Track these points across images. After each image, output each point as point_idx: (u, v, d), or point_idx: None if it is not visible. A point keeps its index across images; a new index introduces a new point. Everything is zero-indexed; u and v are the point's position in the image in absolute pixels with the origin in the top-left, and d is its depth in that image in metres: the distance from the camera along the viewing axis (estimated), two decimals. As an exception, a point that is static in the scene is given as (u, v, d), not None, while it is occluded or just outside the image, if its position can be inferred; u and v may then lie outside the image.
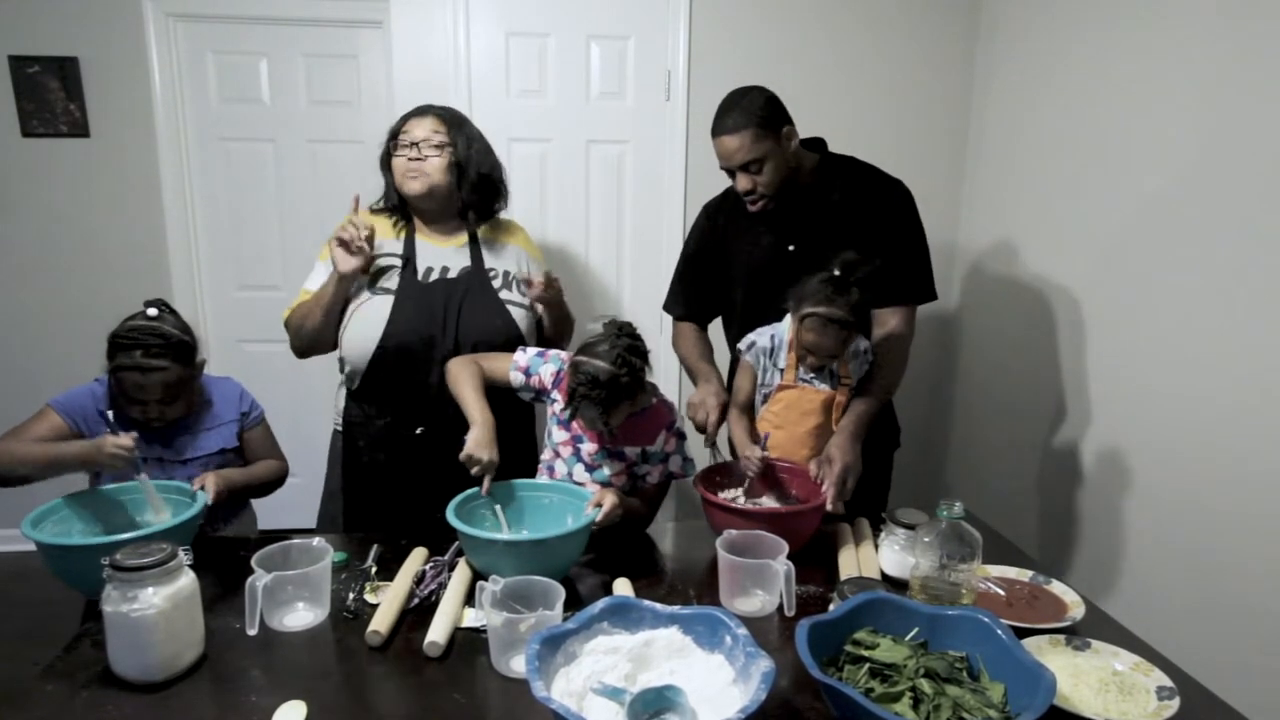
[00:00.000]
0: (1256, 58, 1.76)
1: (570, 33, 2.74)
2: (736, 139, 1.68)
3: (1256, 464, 1.76)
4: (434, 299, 1.74)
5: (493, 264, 1.83)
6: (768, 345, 1.73)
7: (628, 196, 2.89)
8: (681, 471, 1.69)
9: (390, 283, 1.75)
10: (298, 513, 2.00)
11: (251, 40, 2.97)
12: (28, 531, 1.31)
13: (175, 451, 1.62)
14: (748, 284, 1.87)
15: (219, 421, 1.68)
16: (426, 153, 1.75)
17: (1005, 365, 2.71)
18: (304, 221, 3.11)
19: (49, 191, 2.93)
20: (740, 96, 1.71)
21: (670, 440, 1.66)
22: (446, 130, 1.78)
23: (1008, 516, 2.62)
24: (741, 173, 1.72)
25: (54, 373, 2.96)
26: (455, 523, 1.36)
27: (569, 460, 1.64)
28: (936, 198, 2.90)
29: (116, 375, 1.53)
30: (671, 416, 1.66)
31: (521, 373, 1.64)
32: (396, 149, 1.78)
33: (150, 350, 1.51)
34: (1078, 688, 1.09)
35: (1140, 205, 2.08)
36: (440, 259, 1.80)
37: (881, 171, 1.84)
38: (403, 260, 1.78)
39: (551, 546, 1.34)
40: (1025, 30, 2.59)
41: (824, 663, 1.04)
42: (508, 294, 1.81)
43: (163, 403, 1.56)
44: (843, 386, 1.70)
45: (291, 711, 1.04)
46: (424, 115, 1.80)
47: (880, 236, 1.73)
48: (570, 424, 1.62)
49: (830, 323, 1.58)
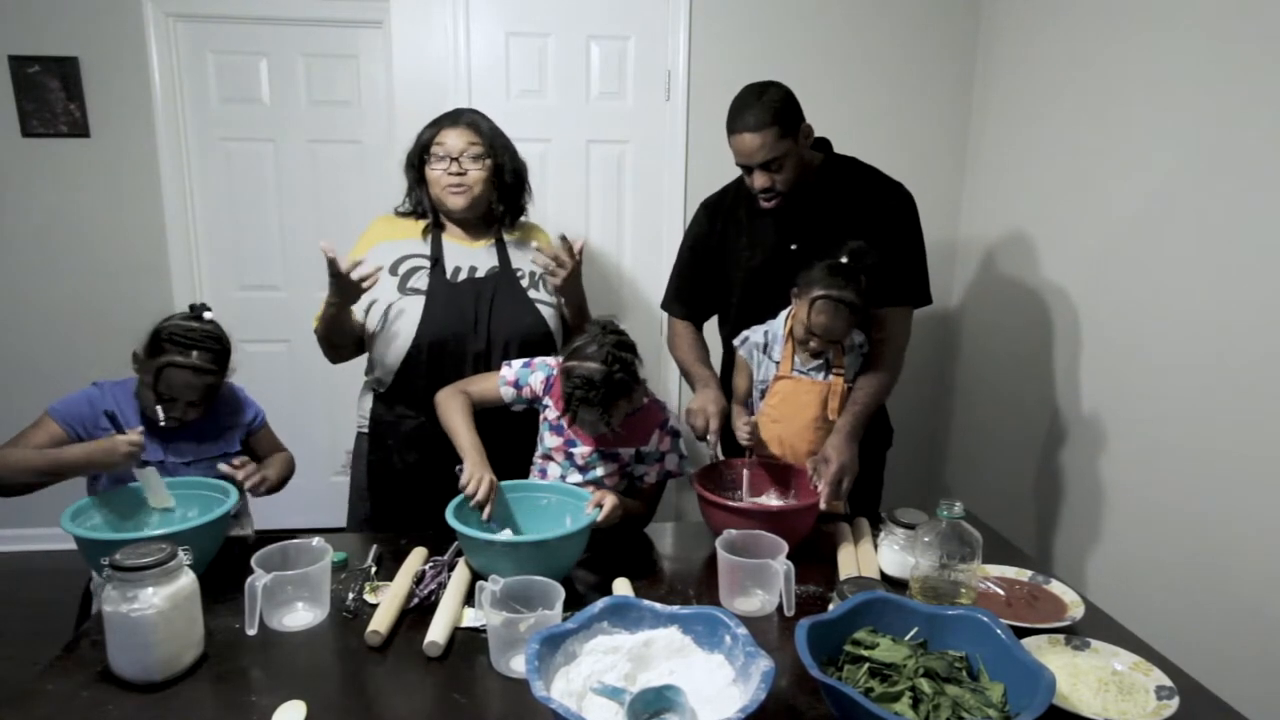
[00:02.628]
0: (1257, 58, 1.76)
1: (570, 33, 2.74)
2: (758, 137, 1.64)
3: (1257, 464, 1.76)
4: (464, 298, 1.75)
5: (519, 264, 1.84)
6: (761, 340, 1.74)
7: (628, 196, 2.89)
8: (679, 470, 1.69)
9: (420, 283, 1.75)
10: (296, 513, 2.00)
11: (251, 40, 2.97)
12: (67, 526, 1.32)
13: (177, 453, 1.62)
14: (747, 282, 1.87)
15: (222, 426, 1.69)
16: (466, 166, 1.75)
17: (1005, 365, 2.71)
18: (304, 221, 3.11)
19: (49, 191, 2.93)
20: (759, 93, 1.66)
21: (665, 439, 1.65)
22: (482, 141, 1.78)
23: (1008, 516, 2.62)
24: (760, 171, 1.69)
25: (54, 372, 2.97)
26: (455, 524, 1.36)
27: (563, 464, 1.64)
28: (937, 197, 2.91)
29: (162, 371, 1.53)
30: (664, 415, 1.66)
31: (511, 387, 1.64)
32: (431, 160, 1.77)
33: (206, 353, 1.55)
34: (1077, 687, 1.10)
35: (1140, 205, 2.08)
36: (468, 259, 1.81)
37: (884, 175, 1.84)
38: (431, 261, 1.78)
39: (552, 548, 1.34)
40: (1025, 30, 2.59)
41: (824, 662, 1.04)
42: (535, 293, 1.82)
43: (194, 405, 1.58)
44: (837, 376, 1.71)
45: (291, 711, 1.05)
46: (456, 125, 1.78)
47: (880, 239, 1.73)
48: (563, 429, 1.62)
49: (841, 305, 1.59)
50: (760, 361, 1.75)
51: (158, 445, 1.60)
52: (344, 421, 3.23)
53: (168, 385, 1.53)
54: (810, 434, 1.71)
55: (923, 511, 1.46)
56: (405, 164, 1.83)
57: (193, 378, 1.54)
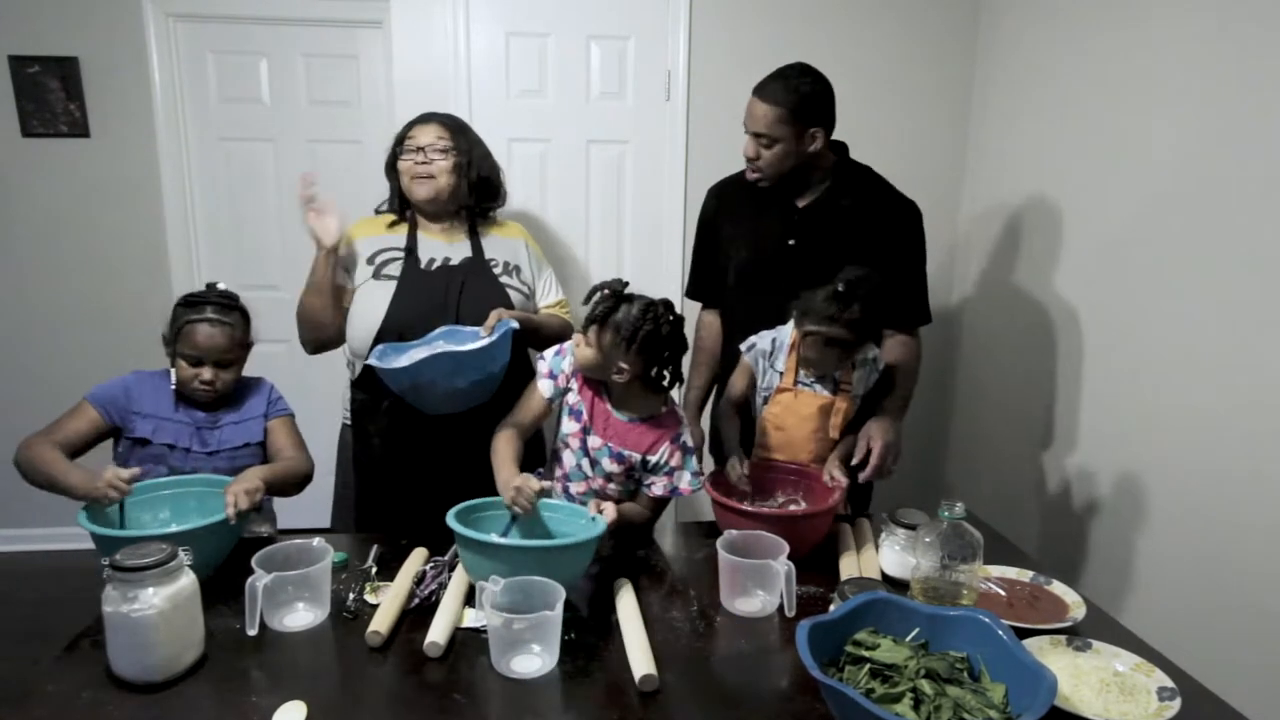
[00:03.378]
0: (1256, 59, 1.75)
1: (570, 33, 2.73)
2: (764, 108, 1.68)
3: (1257, 463, 1.76)
4: (435, 283, 1.80)
5: (493, 254, 1.90)
6: (767, 348, 1.73)
7: (628, 197, 2.88)
8: (689, 488, 1.61)
9: (393, 270, 1.82)
10: (304, 513, 2.00)
11: (251, 40, 2.96)
12: (83, 523, 1.34)
13: (202, 443, 1.65)
14: (743, 272, 1.87)
15: (247, 416, 1.71)
16: (432, 156, 1.83)
17: (1006, 365, 2.71)
18: (303, 222, 3.11)
19: (49, 191, 2.93)
20: (799, 74, 1.69)
21: (674, 454, 1.59)
22: (450, 136, 1.86)
23: (1008, 516, 2.62)
24: (752, 139, 1.73)
25: (54, 372, 2.97)
26: (456, 526, 1.32)
27: (577, 453, 1.62)
28: (937, 197, 2.90)
29: (182, 330, 1.63)
30: (678, 429, 1.61)
31: (549, 379, 1.60)
32: (403, 154, 1.85)
33: (221, 307, 1.66)
34: (1078, 688, 1.09)
35: (1141, 205, 2.08)
36: (443, 251, 1.87)
37: (896, 189, 1.84)
38: (405, 251, 1.84)
39: (559, 556, 1.30)
40: (1026, 30, 2.59)
41: (824, 663, 1.04)
42: (507, 279, 1.87)
43: (220, 366, 1.64)
44: (843, 393, 1.70)
45: (291, 711, 1.04)
46: (428, 122, 1.88)
47: (884, 253, 1.73)
48: (581, 413, 1.60)
49: (830, 343, 1.59)
50: (764, 369, 1.74)
51: (184, 436, 1.64)
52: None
53: (193, 345, 1.62)
54: (810, 445, 1.71)
55: (924, 512, 1.46)
56: (385, 164, 1.92)
57: (211, 329, 1.62)
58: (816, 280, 1.64)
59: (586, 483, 1.62)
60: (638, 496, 1.64)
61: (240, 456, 1.67)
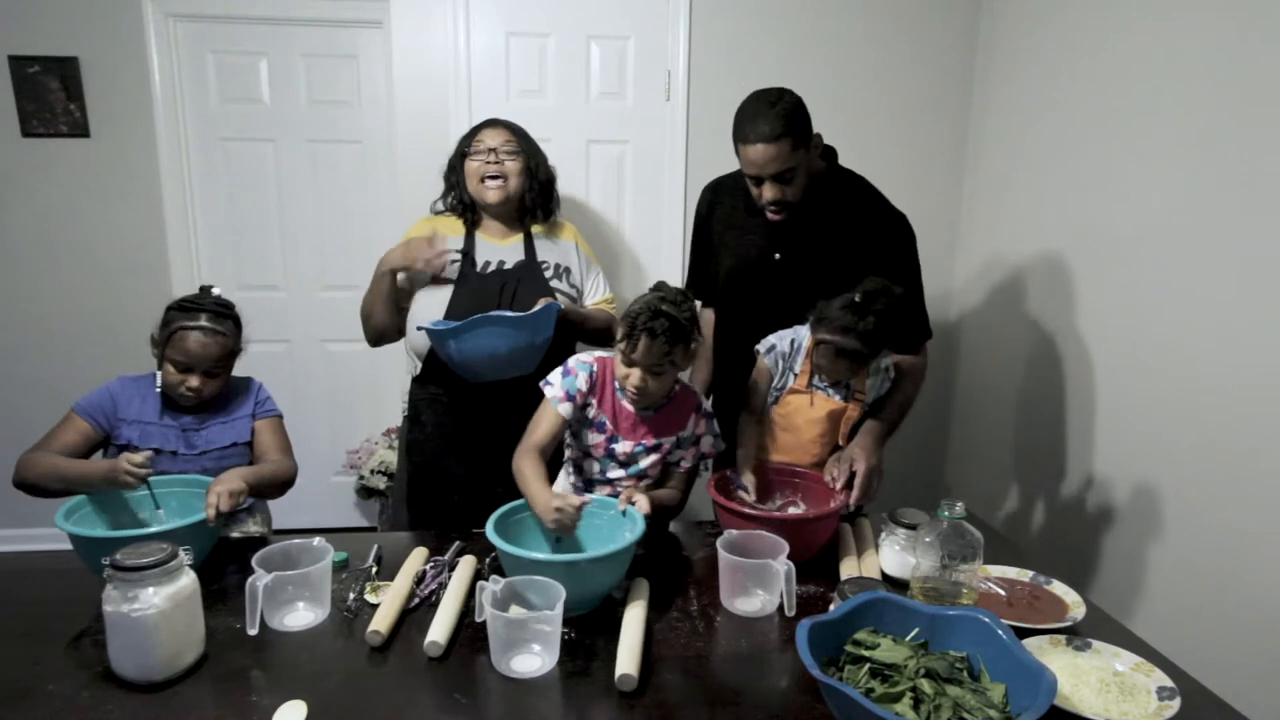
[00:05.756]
0: (1256, 71, 1.75)
1: (570, 33, 2.73)
2: (771, 149, 1.58)
3: (1257, 463, 1.76)
4: (490, 285, 1.89)
5: (545, 257, 1.98)
6: (786, 350, 1.72)
7: (628, 197, 2.88)
8: (713, 450, 1.70)
9: (450, 273, 1.90)
10: (302, 512, 2.00)
11: (251, 40, 2.96)
12: (62, 524, 1.34)
13: (189, 445, 1.64)
14: (728, 280, 1.87)
15: (234, 416, 1.71)
16: (503, 157, 1.93)
17: (1006, 364, 2.71)
18: (304, 221, 3.11)
19: (49, 191, 2.93)
20: (772, 101, 1.59)
21: (700, 421, 1.67)
22: (515, 139, 1.96)
23: (1008, 516, 2.62)
24: (771, 183, 1.64)
25: (54, 372, 2.97)
26: (497, 541, 1.29)
27: (603, 461, 1.62)
28: (937, 198, 2.91)
29: (173, 337, 1.60)
30: (697, 398, 1.67)
31: (566, 401, 1.57)
32: (472, 154, 1.94)
33: (216, 315, 1.64)
34: (1078, 688, 1.10)
35: (1141, 206, 2.08)
36: (498, 254, 1.95)
37: (888, 201, 1.78)
38: (462, 254, 1.92)
39: (607, 563, 1.28)
40: (1026, 32, 2.59)
41: (824, 663, 1.04)
42: (558, 283, 1.95)
43: (209, 375, 1.63)
44: (855, 401, 1.69)
45: (291, 711, 1.05)
46: (494, 126, 1.98)
47: (873, 269, 1.65)
48: (605, 425, 1.59)
49: (842, 353, 1.59)
50: (781, 370, 1.73)
51: (170, 437, 1.63)
52: (344, 422, 3.25)
53: (183, 351, 1.60)
54: (815, 448, 1.70)
55: (924, 511, 1.46)
56: (445, 169, 2.02)
57: (204, 338, 1.60)
58: (803, 292, 1.62)
59: (611, 486, 1.63)
60: (668, 478, 1.66)
61: (227, 456, 1.66)
